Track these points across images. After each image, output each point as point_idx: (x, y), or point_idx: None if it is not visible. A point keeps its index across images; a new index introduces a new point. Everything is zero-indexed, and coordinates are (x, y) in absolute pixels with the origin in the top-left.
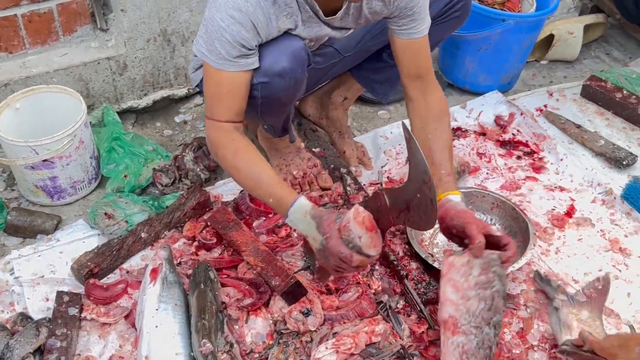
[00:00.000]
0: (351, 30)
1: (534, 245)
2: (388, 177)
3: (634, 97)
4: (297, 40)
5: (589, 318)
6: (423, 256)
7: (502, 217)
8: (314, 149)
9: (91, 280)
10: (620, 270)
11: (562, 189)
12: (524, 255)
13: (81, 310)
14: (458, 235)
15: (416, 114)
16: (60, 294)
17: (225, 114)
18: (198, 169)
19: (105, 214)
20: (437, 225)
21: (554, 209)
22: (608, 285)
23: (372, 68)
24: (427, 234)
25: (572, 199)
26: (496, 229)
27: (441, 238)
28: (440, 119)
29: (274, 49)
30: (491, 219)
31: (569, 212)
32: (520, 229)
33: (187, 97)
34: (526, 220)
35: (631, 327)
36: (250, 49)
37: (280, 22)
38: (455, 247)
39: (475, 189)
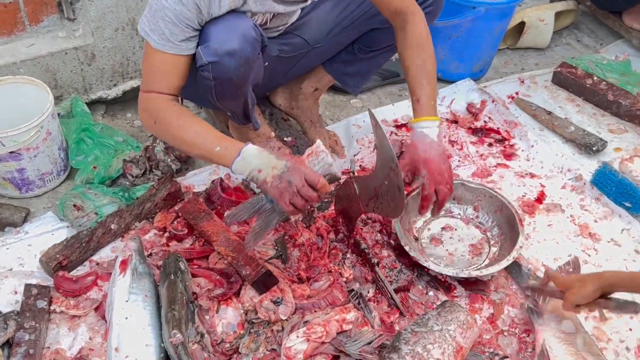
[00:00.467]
0: (304, 4)
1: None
2: (360, 166)
3: (604, 83)
4: (246, 19)
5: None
6: (402, 242)
7: (491, 211)
8: (285, 139)
9: (60, 273)
10: (589, 255)
11: (532, 176)
12: (512, 251)
13: (50, 303)
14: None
15: (397, 42)
16: (28, 287)
17: (165, 88)
18: (169, 160)
19: (75, 205)
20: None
21: (525, 196)
22: (578, 268)
23: (343, 60)
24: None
25: (543, 185)
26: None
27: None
28: (418, 46)
29: (223, 28)
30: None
31: (539, 199)
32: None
33: None
34: (515, 218)
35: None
36: (195, 29)
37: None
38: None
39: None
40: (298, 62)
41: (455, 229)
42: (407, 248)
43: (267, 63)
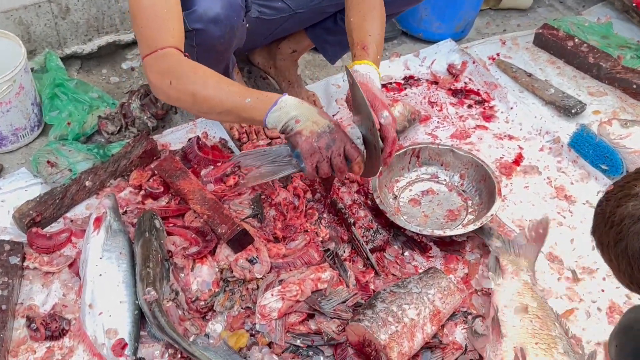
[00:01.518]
0: None
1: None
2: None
3: (585, 45)
4: None
5: (523, 266)
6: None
7: (475, 180)
8: None
9: (34, 229)
10: (564, 217)
11: (511, 138)
12: (488, 211)
13: (23, 260)
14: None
15: (348, 7)
16: (1, 243)
17: (168, 38)
18: (145, 117)
19: (48, 162)
20: None
21: (502, 157)
22: (547, 229)
23: (325, 28)
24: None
25: (521, 147)
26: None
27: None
28: (372, 9)
29: None
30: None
31: (517, 160)
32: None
33: (134, 43)
34: (495, 187)
35: (573, 272)
36: None
37: None
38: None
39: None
40: (279, 26)
41: (437, 194)
42: (380, 205)
43: (247, 25)
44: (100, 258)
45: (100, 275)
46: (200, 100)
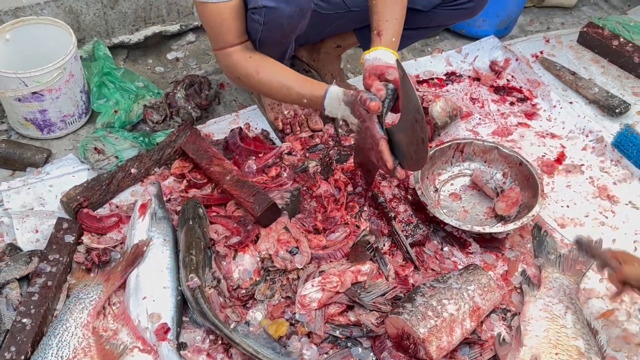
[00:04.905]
0: None
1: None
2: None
3: (630, 45)
4: None
5: (569, 283)
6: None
7: (518, 179)
8: None
9: (85, 210)
10: (606, 217)
11: (553, 136)
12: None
13: (78, 238)
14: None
15: None
16: (60, 221)
17: (232, 38)
18: (189, 107)
19: (95, 148)
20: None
21: (544, 155)
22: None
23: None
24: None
25: (563, 146)
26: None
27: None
28: None
29: None
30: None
31: (559, 159)
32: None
33: (179, 34)
34: (536, 179)
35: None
36: None
37: None
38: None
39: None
40: (333, 23)
41: (479, 190)
42: (421, 197)
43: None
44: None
45: (146, 260)
46: (268, 95)
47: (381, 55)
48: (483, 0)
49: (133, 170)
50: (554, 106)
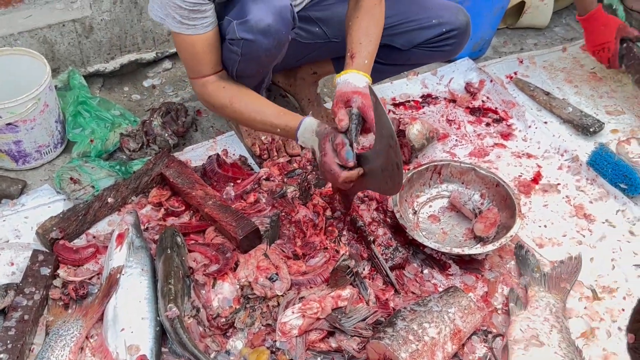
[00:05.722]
0: None
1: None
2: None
3: None
4: None
5: (555, 301)
6: (399, 220)
7: (496, 199)
8: None
9: (61, 242)
10: (584, 236)
11: (529, 156)
12: (509, 232)
13: (54, 271)
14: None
15: (349, 7)
16: (35, 253)
17: (206, 69)
18: (166, 134)
19: (71, 178)
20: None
21: (521, 175)
22: (579, 265)
23: None
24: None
25: (539, 166)
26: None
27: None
28: (367, 12)
29: (261, 4)
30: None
31: (536, 179)
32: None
33: (155, 61)
34: (513, 200)
35: (593, 291)
36: (207, 1)
37: None
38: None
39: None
40: (312, 52)
41: (457, 211)
42: (400, 220)
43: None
44: (123, 274)
45: (123, 291)
46: (243, 124)
47: (351, 78)
48: (460, 44)
49: (110, 200)
50: (529, 126)
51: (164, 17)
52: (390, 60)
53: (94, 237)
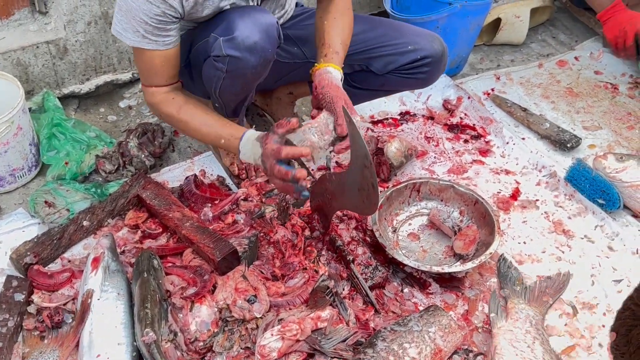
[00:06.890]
0: None
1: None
2: (337, 162)
3: None
4: (270, 15)
5: (535, 314)
6: (379, 239)
7: (475, 216)
8: None
9: (35, 267)
10: (563, 252)
11: (507, 172)
12: (487, 249)
13: (29, 296)
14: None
15: (321, 8)
16: (9, 278)
17: (159, 81)
18: (143, 156)
19: (46, 202)
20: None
21: (500, 192)
22: (566, 282)
23: None
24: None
25: (518, 182)
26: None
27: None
28: (337, 11)
29: (249, 22)
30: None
31: (514, 195)
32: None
33: (131, 82)
34: (492, 216)
35: (573, 307)
36: (173, 19)
37: None
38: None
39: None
40: (290, 72)
41: (437, 229)
42: (380, 238)
43: None
44: (98, 299)
45: (98, 316)
46: (187, 134)
47: (334, 75)
48: (435, 73)
49: (85, 223)
50: (507, 142)
51: (121, 31)
52: (366, 84)
53: (69, 261)
